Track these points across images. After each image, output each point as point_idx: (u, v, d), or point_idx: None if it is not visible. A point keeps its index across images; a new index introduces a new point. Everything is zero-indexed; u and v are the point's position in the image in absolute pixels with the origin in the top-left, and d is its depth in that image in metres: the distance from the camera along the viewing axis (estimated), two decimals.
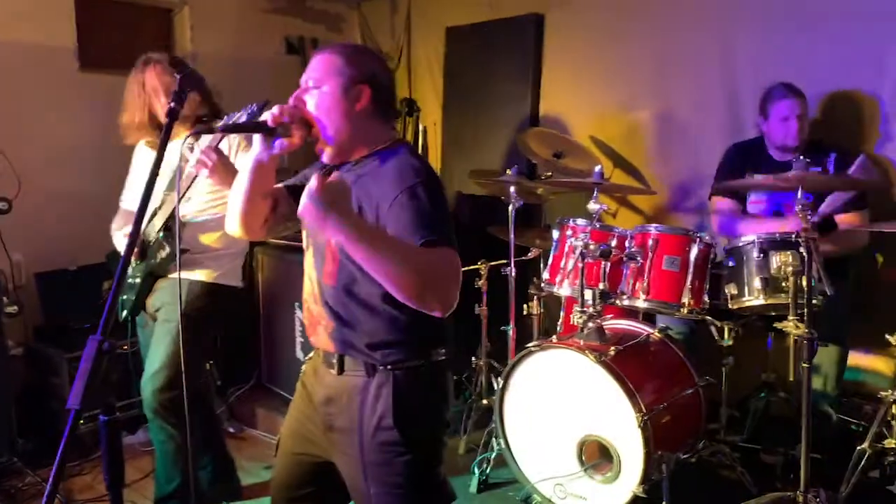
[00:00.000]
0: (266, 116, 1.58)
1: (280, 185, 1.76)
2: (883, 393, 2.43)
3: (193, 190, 2.49)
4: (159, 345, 2.49)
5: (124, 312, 2.63)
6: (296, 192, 1.74)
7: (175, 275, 2.51)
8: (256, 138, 1.62)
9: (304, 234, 1.74)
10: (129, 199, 2.74)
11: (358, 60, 1.61)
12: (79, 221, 3.49)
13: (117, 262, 2.67)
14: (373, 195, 1.54)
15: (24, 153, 3.38)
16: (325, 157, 1.64)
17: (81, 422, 1.14)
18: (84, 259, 3.55)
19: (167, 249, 2.50)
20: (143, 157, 2.70)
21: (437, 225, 1.46)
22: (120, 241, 2.70)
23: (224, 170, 2.17)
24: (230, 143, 2.49)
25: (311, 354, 1.80)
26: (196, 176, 2.32)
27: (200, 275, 2.56)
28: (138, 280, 2.57)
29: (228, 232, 1.77)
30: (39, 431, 3.23)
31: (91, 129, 3.67)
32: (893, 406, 2.38)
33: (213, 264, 2.58)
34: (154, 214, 2.53)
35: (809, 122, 3.01)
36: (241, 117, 2.32)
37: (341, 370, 1.63)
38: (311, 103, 1.60)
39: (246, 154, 2.47)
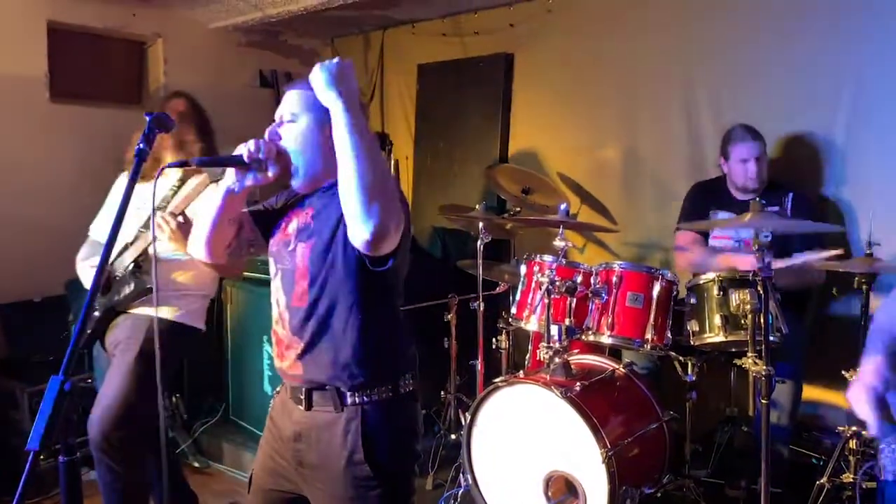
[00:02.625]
0: (242, 150, 1.60)
1: (245, 210, 1.77)
2: (840, 428, 2.48)
3: None
4: (112, 381, 2.43)
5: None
6: (260, 217, 1.78)
7: (136, 311, 2.49)
8: (230, 169, 1.64)
9: (270, 261, 1.74)
10: (98, 230, 2.70)
11: None
12: (44, 252, 3.43)
13: (76, 292, 2.61)
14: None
15: None
16: (298, 188, 1.68)
17: (42, 457, 1.13)
18: (49, 290, 3.51)
19: (132, 286, 2.46)
20: (121, 188, 2.66)
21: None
22: (85, 272, 2.63)
23: (183, 238, 2.16)
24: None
25: (278, 388, 1.79)
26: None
27: (165, 312, 2.51)
28: (96, 314, 2.52)
29: (191, 254, 1.77)
30: None
31: (60, 159, 3.64)
32: (851, 441, 2.44)
33: (179, 302, 2.54)
34: (125, 248, 2.50)
35: (769, 161, 3.11)
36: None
37: (309, 406, 1.63)
38: (287, 137, 1.64)
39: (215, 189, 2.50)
